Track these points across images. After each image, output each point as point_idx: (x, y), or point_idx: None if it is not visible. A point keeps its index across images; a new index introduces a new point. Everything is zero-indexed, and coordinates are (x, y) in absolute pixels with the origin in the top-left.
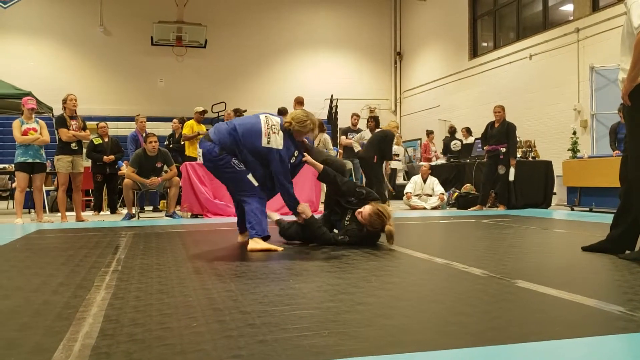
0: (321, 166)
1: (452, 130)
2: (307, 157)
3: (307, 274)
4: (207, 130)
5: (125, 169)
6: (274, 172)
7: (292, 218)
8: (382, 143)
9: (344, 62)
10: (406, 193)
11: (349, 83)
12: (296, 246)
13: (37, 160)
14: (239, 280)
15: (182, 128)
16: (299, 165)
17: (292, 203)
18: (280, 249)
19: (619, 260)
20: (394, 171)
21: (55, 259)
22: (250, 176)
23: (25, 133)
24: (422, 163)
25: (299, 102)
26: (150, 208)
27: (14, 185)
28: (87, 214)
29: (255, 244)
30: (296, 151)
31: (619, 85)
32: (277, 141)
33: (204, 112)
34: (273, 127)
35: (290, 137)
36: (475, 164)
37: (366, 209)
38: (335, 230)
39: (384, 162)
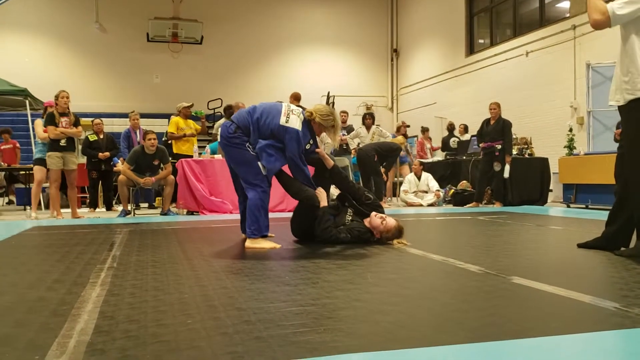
0: (332, 162)
1: (451, 128)
2: (320, 150)
3: (303, 270)
4: (198, 124)
5: (120, 165)
6: (289, 153)
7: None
8: (389, 154)
9: (341, 58)
10: (402, 190)
11: (345, 80)
12: (292, 243)
13: None
14: (235, 277)
15: None
16: (311, 154)
17: (308, 185)
18: (278, 246)
19: (614, 257)
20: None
21: (50, 255)
22: (259, 163)
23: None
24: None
25: (296, 98)
26: (146, 205)
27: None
28: (83, 211)
29: (252, 243)
30: (311, 140)
31: None
32: (295, 122)
33: (191, 106)
34: (294, 110)
35: (309, 126)
36: (471, 160)
37: (390, 222)
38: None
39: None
